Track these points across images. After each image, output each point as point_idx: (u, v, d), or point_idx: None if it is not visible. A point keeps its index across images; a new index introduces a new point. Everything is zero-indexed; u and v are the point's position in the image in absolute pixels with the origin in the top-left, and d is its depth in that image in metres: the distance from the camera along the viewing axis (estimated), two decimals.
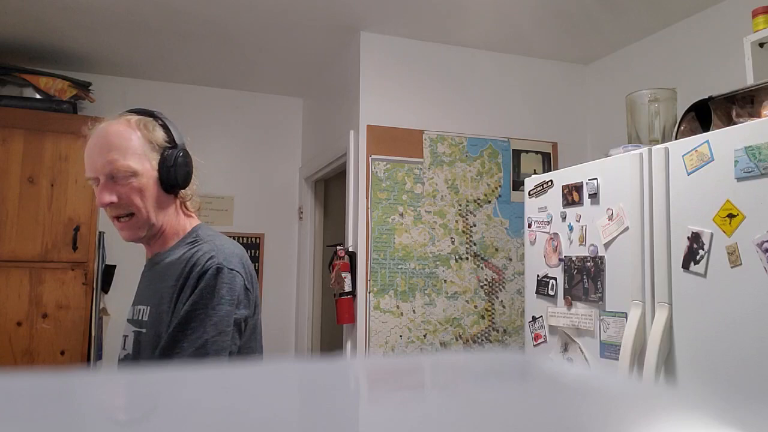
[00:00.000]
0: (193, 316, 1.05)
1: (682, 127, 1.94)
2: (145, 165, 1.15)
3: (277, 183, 3.65)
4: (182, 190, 1.22)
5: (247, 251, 1.23)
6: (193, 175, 1.23)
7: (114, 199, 1.12)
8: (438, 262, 2.77)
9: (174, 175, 1.17)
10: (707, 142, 1.55)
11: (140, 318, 1.17)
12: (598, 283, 1.85)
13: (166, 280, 1.14)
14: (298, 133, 3.76)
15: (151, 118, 1.20)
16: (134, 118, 1.18)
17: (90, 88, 3.09)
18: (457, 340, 2.75)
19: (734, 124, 1.75)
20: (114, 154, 1.13)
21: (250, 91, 3.63)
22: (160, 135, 1.18)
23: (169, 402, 0.32)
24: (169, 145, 1.19)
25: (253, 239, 3.55)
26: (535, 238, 2.16)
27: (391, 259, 2.70)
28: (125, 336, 1.21)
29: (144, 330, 1.14)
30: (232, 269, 1.11)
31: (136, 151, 1.15)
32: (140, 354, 1.14)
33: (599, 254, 1.86)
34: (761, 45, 1.97)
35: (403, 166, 2.78)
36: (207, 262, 1.10)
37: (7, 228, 2.69)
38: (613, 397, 0.36)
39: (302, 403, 0.34)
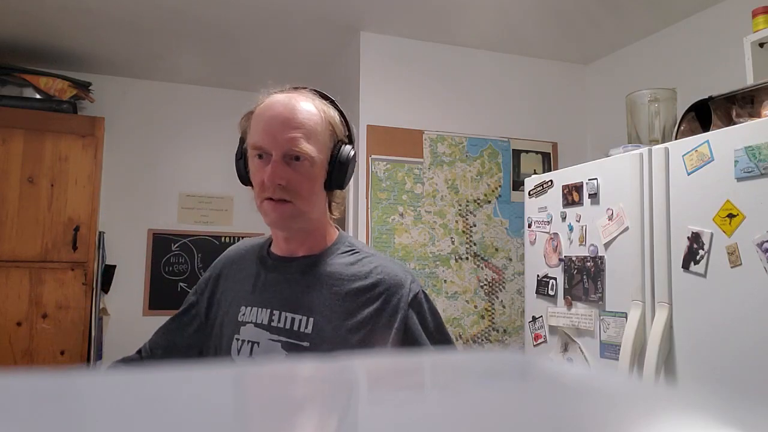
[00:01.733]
0: (443, 342, 1.03)
1: (682, 127, 1.94)
2: (321, 154, 1.02)
3: None
4: (337, 191, 1.09)
5: None
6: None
7: (282, 181, 0.99)
8: (438, 262, 2.77)
9: (343, 172, 1.05)
10: (707, 142, 1.55)
11: (296, 328, 1.01)
12: (598, 283, 1.85)
13: (338, 292, 1.02)
14: None
15: (332, 105, 1.08)
16: (318, 99, 1.06)
17: (90, 88, 3.09)
18: (457, 340, 2.75)
19: (734, 124, 1.75)
20: (299, 133, 1.00)
21: (250, 91, 3.63)
22: (339, 125, 1.06)
23: (168, 402, 0.32)
24: (344, 139, 1.06)
25: None
26: (535, 238, 2.16)
27: None
28: (251, 342, 1.04)
29: (306, 344, 0.99)
30: (423, 289, 1.07)
31: (318, 136, 1.02)
32: None
33: (599, 254, 1.86)
34: (761, 45, 1.96)
35: (403, 166, 2.78)
36: (411, 284, 1.03)
37: (7, 228, 2.69)
38: (613, 397, 0.36)
39: (303, 403, 0.34)
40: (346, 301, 1.01)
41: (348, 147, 1.06)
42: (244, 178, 1.09)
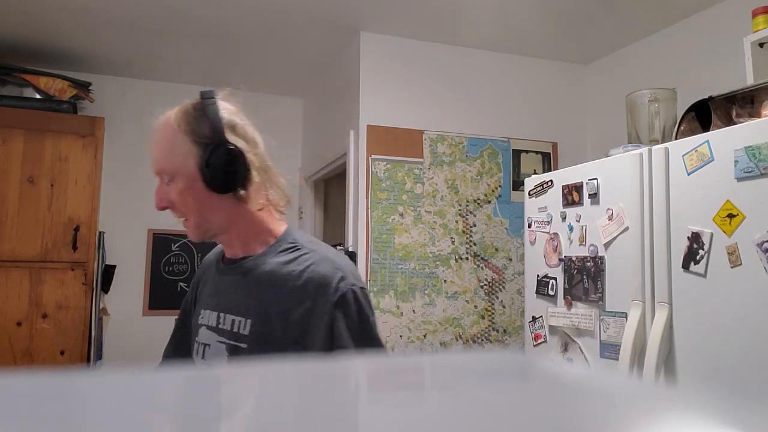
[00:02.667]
0: (346, 350, 0.97)
1: (682, 127, 1.94)
2: (186, 166, 1.00)
3: None
4: (246, 190, 1.03)
5: None
6: (252, 172, 1.03)
7: (163, 204, 1.03)
8: (438, 262, 2.77)
9: (219, 174, 1.00)
10: (707, 142, 1.55)
11: (236, 330, 1.02)
12: (598, 283, 1.85)
13: (272, 294, 1.02)
14: (298, 133, 3.76)
15: (197, 108, 1.03)
16: (177, 109, 1.04)
17: (90, 88, 3.09)
18: (457, 340, 2.75)
19: (734, 124, 1.75)
20: (158, 154, 1.02)
21: (250, 92, 3.63)
22: (201, 128, 1.01)
23: (168, 402, 0.32)
24: (210, 141, 1.00)
25: None
26: (535, 238, 2.16)
27: (391, 259, 2.70)
28: (204, 345, 1.07)
29: (245, 345, 1.01)
30: (363, 288, 1.03)
31: (174, 151, 1.01)
32: None
33: (599, 254, 1.86)
34: (761, 45, 1.96)
35: (403, 166, 2.78)
36: (339, 283, 1.00)
37: (7, 228, 2.69)
38: (613, 397, 0.36)
39: (302, 403, 0.34)
40: (281, 302, 1.01)
41: (218, 148, 1.00)
42: None
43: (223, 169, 1.00)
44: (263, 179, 1.07)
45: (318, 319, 0.99)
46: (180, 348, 1.21)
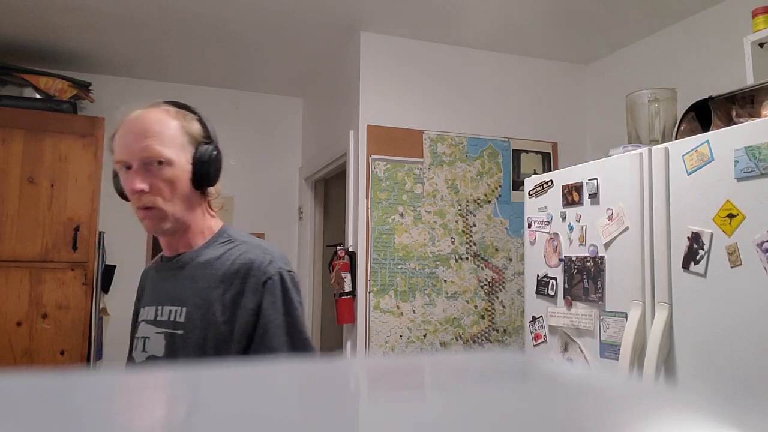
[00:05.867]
0: (271, 324, 1.06)
1: (682, 127, 1.94)
2: (180, 156, 1.10)
3: (277, 183, 3.65)
4: (210, 188, 1.16)
5: None
6: (220, 174, 1.18)
7: (146, 187, 1.07)
8: (438, 262, 2.77)
9: (207, 171, 1.13)
10: (707, 142, 1.55)
11: (172, 319, 1.11)
12: (598, 283, 1.85)
13: (206, 281, 1.10)
14: (298, 133, 3.76)
15: (188, 111, 1.16)
16: (173, 108, 1.15)
17: (90, 88, 3.09)
18: (457, 340, 2.75)
19: (734, 124, 1.75)
20: (151, 141, 1.08)
21: (250, 91, 3.63)
22: (197, 128, 1.14)
23: (168, 402, 0.32)
24: (204, 141, 1.14)
25: None
26: (535, 238, 2.16)
27: (391, 259, 2.70)
28: (144, 338, 1.15)
29: (181, 332, 1.09)
30: (290, 271, 1.12)
31: (173, 140, 1.10)
32: (177, 356, 1.09)
33: (599, 254, 1.86)
34: (761, 45, 1.97)
35: (403, 166, 2.78)
36: (268, 266, 1.08)
37: (7, 228, 2.69)
38: (613, 397, 0.36)
39: (302, 403, 0.34)
40: (214, 288, 1.09)
41: (209, 147, 1.14)
42: (123, 194, 1.16)
43: (209, 166, 1.13)
44: (220, 183, 1.20)
45: (246, 299, 1.06)
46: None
